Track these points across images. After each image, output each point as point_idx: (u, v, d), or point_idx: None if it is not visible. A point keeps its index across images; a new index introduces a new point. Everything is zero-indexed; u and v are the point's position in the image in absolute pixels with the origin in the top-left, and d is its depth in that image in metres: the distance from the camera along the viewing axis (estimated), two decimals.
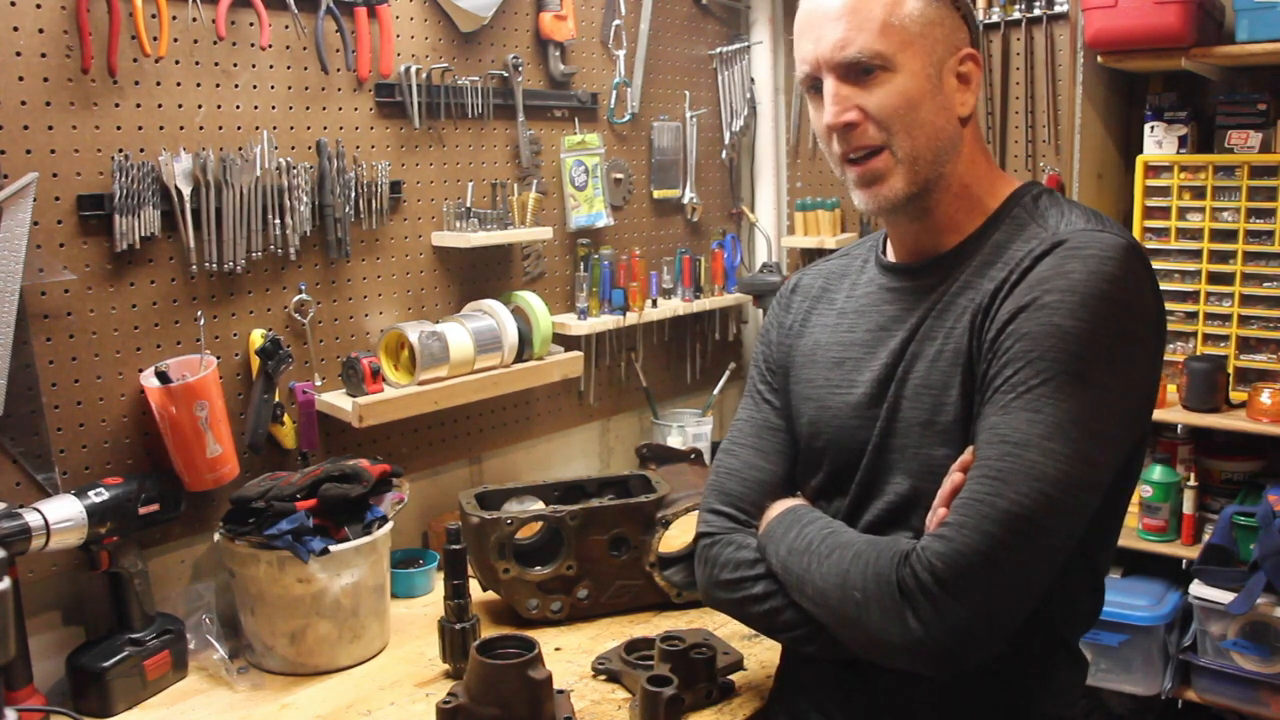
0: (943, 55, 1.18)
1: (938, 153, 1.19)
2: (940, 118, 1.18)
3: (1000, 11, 2.51)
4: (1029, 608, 1.07)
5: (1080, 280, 1.07)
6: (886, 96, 1.16)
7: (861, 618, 1.11)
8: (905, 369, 1.20)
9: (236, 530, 1.62)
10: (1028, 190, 1.23)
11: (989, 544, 1.03)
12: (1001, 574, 1.03)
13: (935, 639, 1.05)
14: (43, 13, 1.54)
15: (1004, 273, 1.14)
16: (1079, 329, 1.05)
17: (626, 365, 2.57)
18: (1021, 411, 1.05)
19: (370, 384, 1.89)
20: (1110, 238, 1.10)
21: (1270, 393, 2.17)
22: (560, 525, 1.74)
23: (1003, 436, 1.06)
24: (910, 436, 1.19)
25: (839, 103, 1.17)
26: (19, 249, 1.50)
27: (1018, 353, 1.08)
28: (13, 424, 1.54)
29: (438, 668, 1.63)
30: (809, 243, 2.77)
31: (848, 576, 1.13)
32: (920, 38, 1.16)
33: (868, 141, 1.18)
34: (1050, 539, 1.05)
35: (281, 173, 1.79)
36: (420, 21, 2.04)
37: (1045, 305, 1.07)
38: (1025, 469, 1.03)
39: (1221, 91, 2.36)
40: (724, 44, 2.77)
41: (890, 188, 1.18)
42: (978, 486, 1.06)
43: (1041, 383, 1.05)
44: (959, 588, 1.03)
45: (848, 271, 1.37)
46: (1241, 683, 2.19)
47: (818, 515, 1.25)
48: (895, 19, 1.15)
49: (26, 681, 1.48)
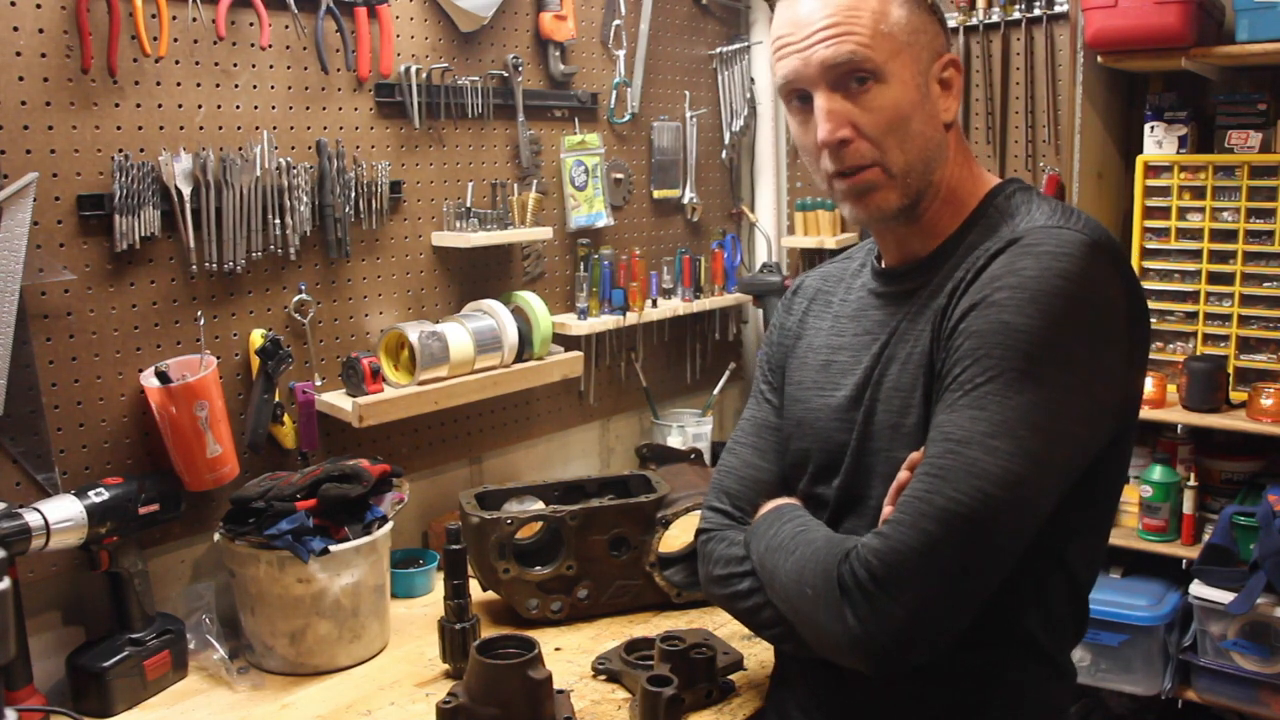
0: (928, 62, 1.17)
1: (928, 163, 1.17)
2: (929, 127, 1.17)
3: (1000, 11, 2.51)
4: (972, 608, 1.06)
5: (1031, 277, 1.05)
6: (880, 110, 1.13)
7: (812, 614, 1.11)
8: (880, 373, 1.20)
9: (236, 530, 1.62)
10: (1003, 189, 1.22)
11: (925, 541, 1.02)
12: (938, 572, 1.02)
13: (871, 636, 1.04)
14: (43, 13, 1.54)
15: (963, 273, 1.13)
16: (1028, 325, 1.03)
17: (626, 365, 2.57)
18: (967, 409, 1.04)
19: (370, 384, 1.89)
20: (1069, 233, 1.07)
21: (1270, 393, 2.17)
22: (560, 525, 1.74)
23: (947, 434, 1.05)
24: (883, 440, 1.19)
25: (832, 119, 1.14)
26: (19, 249, 1.50)
27: (966, 351, 1.06)
28: (13, 424, 1.54)
29: (438, 668, 1.63)
30: (809, 243, 2.77)
31: (803, 573, 1.13)
32: (908, 46, 1.14)
33: (860, 160, 1.15)
34: (992, 538, 1.02)
35: (281, 173, 1.79)
36: (420, 21, 2.04)
37: (994, 303, 1.06)
38: (965, 466, 1.02)
39: (1221, 91, 2.36)
40: (724, 44, 2.77)
41: (884, 199, 1.17)
42: (918, 484, 1.05)
43: (988, 380, 1.04)
44: (894, 585, 1.03)
45: (844, 275, 1.37)
46: (1241, 683, 2.19)
47: (799, 514, 1.24)
48: (885, 26, 1.13)
49: (26, 681, 1.48)
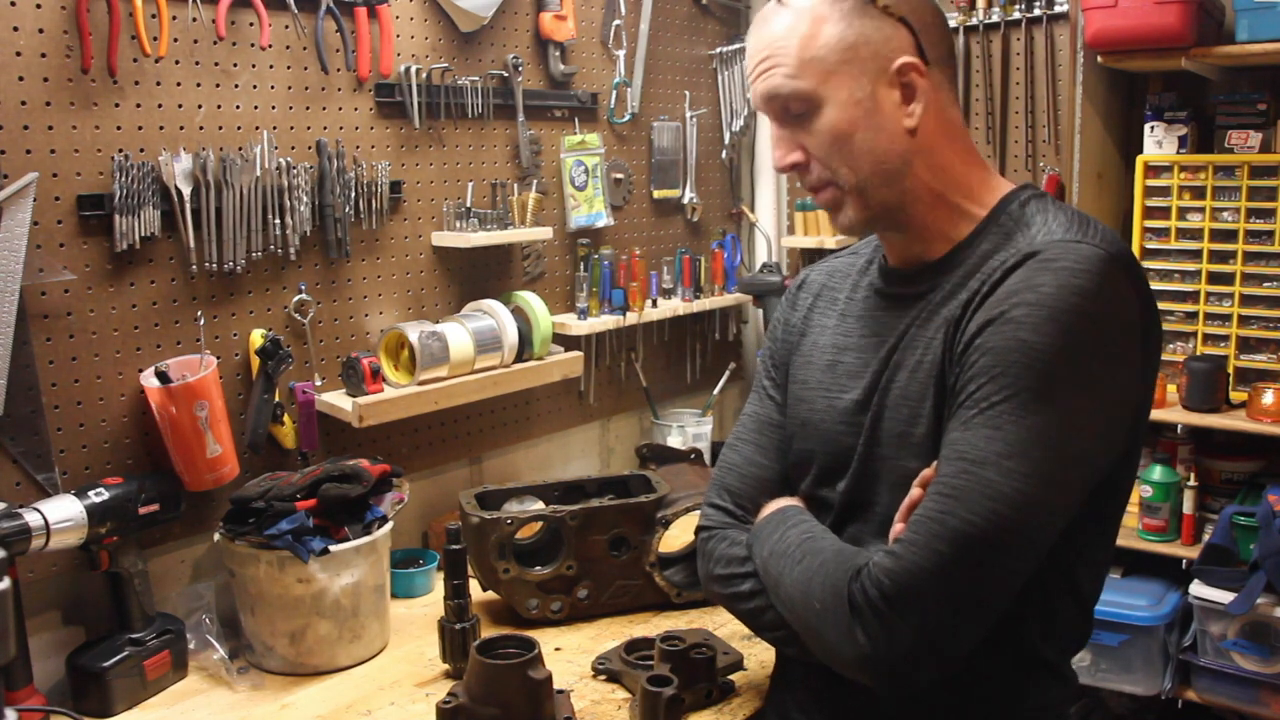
0: (874, 75, 1.14)
1: (886, 176, 1.16)
2: (881, 140, 1.15)
3: (1000, 11, 2.51)
4: (983, 628, 1.05)
5: (1049, 294, 1.03)
6: (819, 133, 1.15)
7: (820, 628, 1.10)
8: (889, 378, 1.19)
9: (236, 530, 1.62)
10: (1017, 195, 1.19)
11: (937, 562, 1.01)
12: (950, 593, 1.02)
13: (881, 656, 1.04)
14: (43, 13, 1.54)
15: (978, 284, 1.12)
16: (1045, 344, 1.02)
17: (626, 365, 2.57)
18: (982, 428, 1.03)
19: (370, 384, 1.89)
20: (1086, 248, 1.05)
21: (1271, 393, 2.17)
22: (560, 525, 1.74)
23: (961, 453, 1.04)
24: (890, 447, 1.17)
25: (781, 145, 1.19)
26: (19, 249, 1.50)
27: (982, 368, 1.05)
28: (13, 424, 1.54)
29: (438, 668, 1.63)
30: (809, 243, 2.77)
31: (810, 585, 1.12)
32: (842, 65, 1.13)
33: (814, 181, 1.19)
34: (1004, 559, 1.02)
35: (281, 173, 1.79)
36: (420, 21, 2.04)
37: (1012, 319, 1.04)
38: (980, 488, 1.01)
39: (1221, 91, 2.36)
40: (724, 44, 2.77)
41: (846, 216, 1.20)
42: (931, 504, 1.04)
43: (1004, 399, 1.03)
44: (905, 606, 1.02)
45: (850, 271, 1.35)
46: (1241, 683, 2.19)
47: (804, 519, 1.23)
48: (811, 52, 1.13)
49: (26, 681, 1.48)
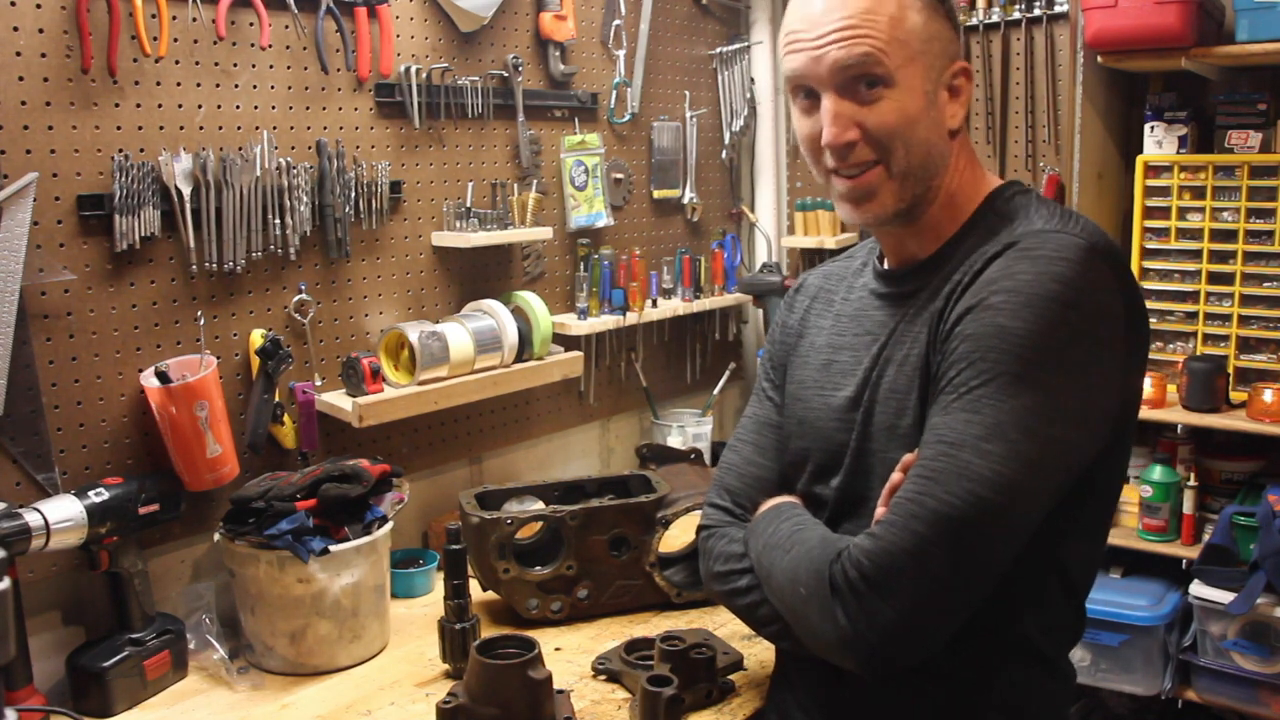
0: (940, 70, 1.16)
1: (928, 169, 1.17)
2: (934, 134, 1.16)
3: (1000, 11, 2.50)
4: (965, 610, 1.06)
5: (1027, 281, 1.05)
6: (887, 114, 1.13)
7: (805, 613, 1.11)
8: (879, 374, 1.20)
9: (236, 530, 1.62)
10: (1002, 192, 1.21)
11: (916, 543, 1.02)
12: (928, 574, 1.02)
13: (860, 636, 1.04)
14: (43, 13, 1.54)
15: (960, 275, 1.13)
16: (1023, 329, 1.04)
17: (626, 365, 2.57)
18: (960, 412, 1.05)
19: (370, 384, 1.88)
20: (1066, 238, 1.08)
21: (1271, 392, 2.17)
22: (560, 525, 1.74)
23: (940, 437, 1.05)
24: (880, 441, 1.19)
25: (838, 123, 1.14)
26: (19, 249, 1.50)
27: (961, 354, 1.07)
28: (13, 424, 1.54)
29: (438, 668, 1.63)
30: (809, 243, 2.77)
31: (797, 572, 1.13)
32: (922, 54, 1.14)
33: (862, 159, 1.15)
34: (982, 540, 1.03)
35: (281, 173, 1.79)
36: (420, 21, 2.04)
37: (990, 306, 1.06)
38: (958, 469, 1.02)
39: (1221, 91, 2.36)
40: (724, 44, 2.77)
41: (880, 204, 1.17)
42: (910, 486, 1.06)
43: (982, 384, 1.04)
44: (884, 586, 1.03)
45: (846, 274, 1.37)
46: (1241, 683, 2.20)
47: (798, 513, 1.25)
48: (901, 32, 1.12)
49: (26, 681, 1.48)
